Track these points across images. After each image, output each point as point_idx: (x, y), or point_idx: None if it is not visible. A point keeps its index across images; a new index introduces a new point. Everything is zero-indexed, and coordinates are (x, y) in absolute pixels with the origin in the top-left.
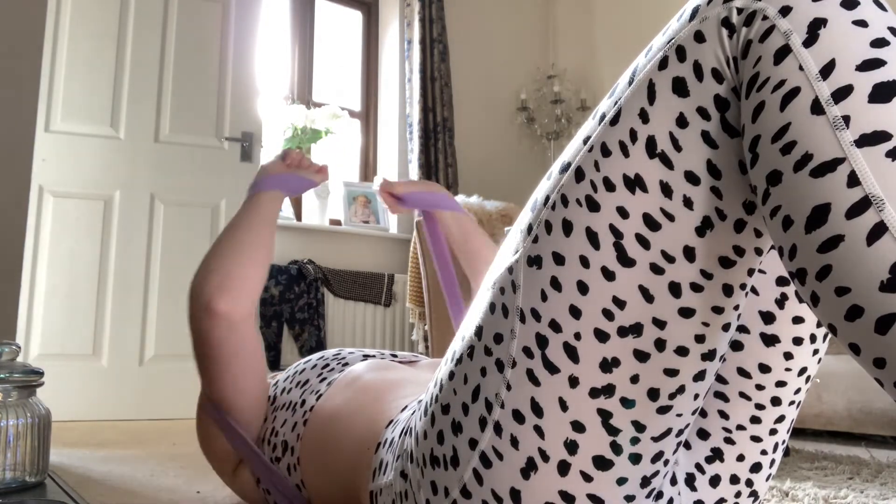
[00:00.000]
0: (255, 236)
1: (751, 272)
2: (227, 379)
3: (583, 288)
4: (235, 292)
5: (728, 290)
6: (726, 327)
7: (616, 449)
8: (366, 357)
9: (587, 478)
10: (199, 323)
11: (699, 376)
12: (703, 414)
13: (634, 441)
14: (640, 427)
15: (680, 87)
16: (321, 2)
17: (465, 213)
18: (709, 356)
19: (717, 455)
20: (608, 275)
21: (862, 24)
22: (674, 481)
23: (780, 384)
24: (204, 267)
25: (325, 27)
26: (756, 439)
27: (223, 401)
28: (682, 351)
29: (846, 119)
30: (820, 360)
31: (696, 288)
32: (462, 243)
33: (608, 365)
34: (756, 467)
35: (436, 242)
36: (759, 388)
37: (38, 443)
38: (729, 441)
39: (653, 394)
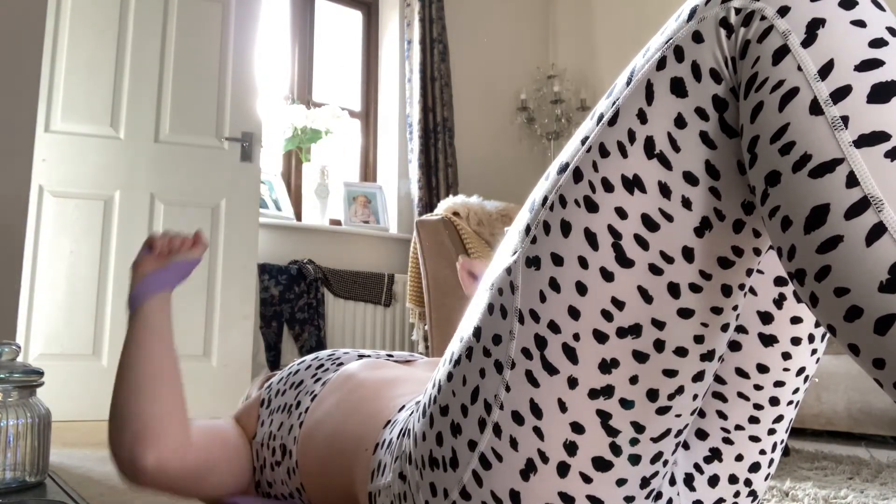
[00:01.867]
0: (157, 362)
1: (749, 272)
2: (205, 492)
3: (581, 289)
4: (158, 439)
5: (727, 291)
6: (725, 328)
7: (615, 450)
8: (361, 357)
9: (587, 479)
10: (136, 483)
11: (698, 377)
12: (702, 414)
13: (634, 442)
14: (639, 428)
15: (678, 88)
16: (321, 2)
17: None
18: (708, 357)
19: (715, 455)
20: (607, 275)
21: (860, 24)
22: (672, 481)
23: (779, 384)
24: (114, 415)
25: (325, 27)
26: (754, 439)
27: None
28: (681, 352)
29: (845, 119)
30: (818, 360)
31: (694, 288)
32: None
33: (607, 366)
34: (755, 467)
35: None
36: (758, 388)
37: (38, 443)
38: (727, 441)
39: (652, 394)
